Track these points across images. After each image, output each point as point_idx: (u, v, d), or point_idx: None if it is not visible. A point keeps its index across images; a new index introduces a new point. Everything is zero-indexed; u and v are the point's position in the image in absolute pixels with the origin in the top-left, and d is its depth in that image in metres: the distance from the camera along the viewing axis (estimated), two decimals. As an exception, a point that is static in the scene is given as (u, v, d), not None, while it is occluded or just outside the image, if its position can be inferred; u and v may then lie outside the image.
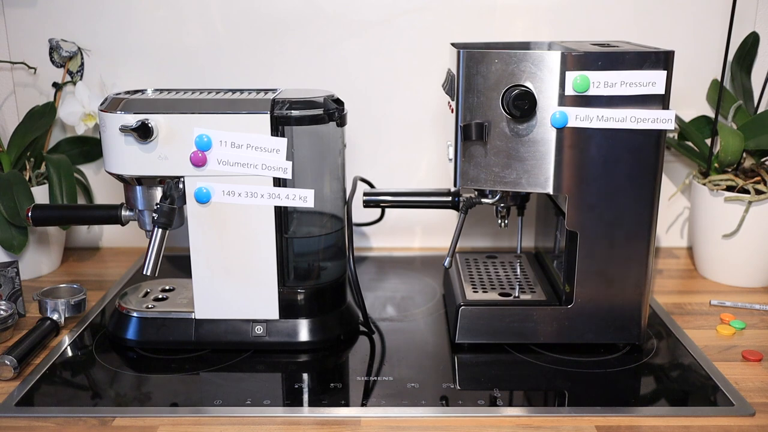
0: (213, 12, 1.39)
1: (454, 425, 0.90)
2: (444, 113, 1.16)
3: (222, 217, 1.04)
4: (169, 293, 1.17)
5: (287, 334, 1.08)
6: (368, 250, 1.51)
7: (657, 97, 0.97)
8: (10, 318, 1.10)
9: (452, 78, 1.02)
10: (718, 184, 1.29)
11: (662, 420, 0.90)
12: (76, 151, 1.44)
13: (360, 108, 1.38)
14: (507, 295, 1.13)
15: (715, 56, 1.36)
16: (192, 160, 1.01)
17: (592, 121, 0.97)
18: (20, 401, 0.94)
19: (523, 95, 0.96)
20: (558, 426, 0.89)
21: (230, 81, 1.42)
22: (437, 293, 1.29)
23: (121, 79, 1.40)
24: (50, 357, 1.06)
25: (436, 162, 1.46)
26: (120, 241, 1.52)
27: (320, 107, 1.04)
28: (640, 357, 1.06)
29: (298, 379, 1.01)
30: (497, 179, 1.01)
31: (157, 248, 0.99)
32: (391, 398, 0.95)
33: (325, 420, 0.91)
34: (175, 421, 0.90)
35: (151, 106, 1.02)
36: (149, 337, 1.09)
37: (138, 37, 1.40)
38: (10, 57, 1.41)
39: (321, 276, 1.14)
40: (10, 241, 1.25)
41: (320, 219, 1.15)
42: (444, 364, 1.05)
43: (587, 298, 1.05)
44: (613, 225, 1.02)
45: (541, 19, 1.38)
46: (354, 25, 1.39)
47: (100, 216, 1.13)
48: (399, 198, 1.22)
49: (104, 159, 1.05)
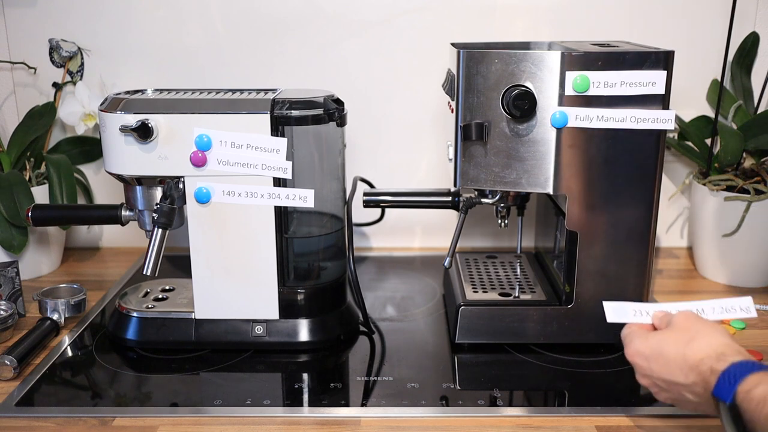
0: (213, 12, 1.39)
1: (454, 425, 0.90)
2: (444, 113, 1.16)
3: (222, 217, 1.04)
4: (169, 293, 1.17)
5: (287, 334, 1.08)
6: (368, 250, 1.51)
7: (657, 97, 0.97)
8: (10, 318, 1.10)
9: (452, 78, 1.02)
10: (718, 184, 1.29)
11: (662, 420, 0.90)
12: (76, 151, 1.44)
13: (360, 108, 1.38)
14: (507, 295, 1.13)
15: (715, 56, 1.36)
16: (192, 160, 1.01)
17: (592, 121, 0.97)
18: (20, 401, 0.94)
19: (523, 95, 0.96)
20: (558, 426, 0.89)
21: (230, 81, 1.42)
22: (437, 293, 1.29)
23: (121, 79, 1.40)
24: (50, 357, 1.06)
25: (436, 162, 1.46)
26: (120, 241, 1.52)
27: (320, 107, 1.04)
28: (640, 357, 1.06)
29: (298, 379, 1.01)
30: (497, 179, 1.01)
31: (157, 248, 0.99)
32: (391, 398, 0.95)
33: (325, 420, 0.91)
34: (175, 421, 0.90)
35: (151, 106, 1.02)
36: (149, 337, 1.09)
37: (138, 37, 1.40)
38: (10, 57, 1.41)
39: (321, 276, 1.14)
40: (10, 241, 1.25)
41: (320, 219, 1.15)
42: (444, 364, 1.05)
43: (587, 298, 1.05)
44: (613, 225, 1.02)
45: (541, 19, 1.38)
46: (354, 25, 1.39)
47: (100, 216, 1.13)
48: (399, 198, 1.22)
49: (104, 159, 1.05)
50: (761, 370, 0.69)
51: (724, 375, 0.71)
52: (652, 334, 0.81)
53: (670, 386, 0.78)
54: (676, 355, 0.76)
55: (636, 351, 0.80)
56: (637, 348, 0.80)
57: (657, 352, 0.78)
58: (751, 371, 0.69)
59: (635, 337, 0.81)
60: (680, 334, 0.78)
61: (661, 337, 0.79)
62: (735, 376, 0.70)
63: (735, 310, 0.86)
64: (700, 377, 0.74)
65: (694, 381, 0.75)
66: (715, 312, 0.86)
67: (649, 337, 0.80)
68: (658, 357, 0.78)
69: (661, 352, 0.77)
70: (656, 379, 0.79)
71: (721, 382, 0.71)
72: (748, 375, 0.69)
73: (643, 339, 0.80)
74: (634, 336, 0.82)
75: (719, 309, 0.86)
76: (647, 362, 0.79)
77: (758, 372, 0.69)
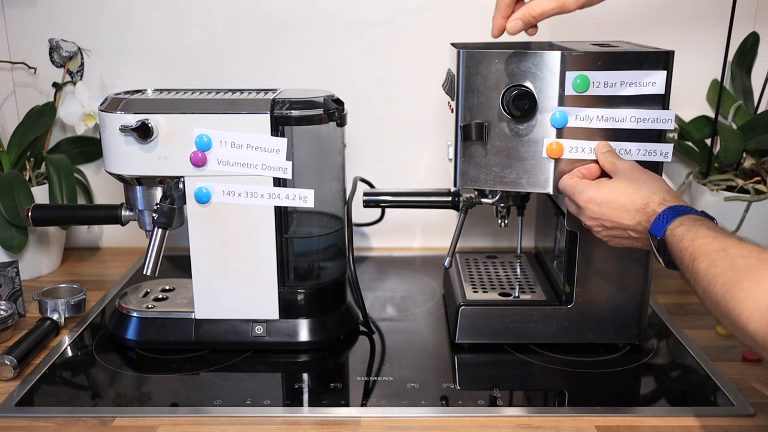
0: (213, 12, 1.39)
1: (454, 425, 0.90)
2: (444, 113, 1.16)
3: (222, 217, 1.04)
4: (169, 293, 1.17)
5: (287, 334, 1.08)
6: (368, 250, 1.51)
7: (657, 97, 0.97)
8: (10, 318, 1.10)
9: (452, 78, 1.02)
10: (718, 184, 1.29)
11: (662, 420, 0.90)
12: (76, 151, 1.44)
13: (360, 108, 1.38)
14: (507, 295, 1.13)
15: (715, 56, 1.36)
16: (192, 160, 1.01)
17: (592, 121, 0.97)
18: (20, 401, 0.94)
19: (523, 95, 0.96)
20: (558, 426, 0.89)
21: (230, 81, 1.41)
22: (437, 293, 1.29)
23: (121, 79, 1.40)
24: (50, 357, 1.06)
25: (436, 162, 1.46)
26: (120, 241, 1.52)
27: (320, 107, 1.04)
28: (640, 357, 1.06)
29: (298, 379, 1.01)
30: (497, 179, 1.01)
31: (157, 248, 0.99)
32: (391, 398, 0.95)
33: (325, 420, 0.91)
34: (175, 421, 0.90)
35: (151, 106, 1.02)
36: (149, 337, 1.09)
37: (138, 37, 1.40)
38: (10, 57, 1.41)
39: (321, 276, 1.14)
40: (10, 241, 1.25)
41: (320, 219, 1.15)
42: (444, 364, 1.05)
43: (587, 298, 1.05)
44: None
45: (541, 19, 1.38)
46: (354, 25, 1.39)
47: (100, 216, 1.13)
48: (399, 198, 1.22)
49: (104, 159, 1.05)
50: (689, 213, 0.83)
51: (660, 216, 0.84)
52: (603, 182, 0.93)
53: (615, 226, 0.91)
54: (625, 200, 0.89)
55: (589, 198, 0.92)
56: (590, 196, 0.92)
57: (609, 198, 0.90)
58: (681, 214, 0.83)
59: (588, 187, 0.93)
60: (629, 182, 0.90)
61: (613, 186, 0.91)
62: (668, 217, 0.83)
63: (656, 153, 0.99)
64: (644, 217, 0.87)
65: (638, 221, 0.88)
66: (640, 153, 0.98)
67: (601, 186, 0.92)
68: (610, 202, 0.90)
69: (614, 198, 0.90)
70: (604, 221, 0.91)
71: (657, 221, 0.84)
72: (677, 217, 0.83)
73: (596, 188, 0.92)
74: (586, 186, 0.93)
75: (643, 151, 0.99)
76: (599, 207, 0.91)
77: (686, 215, 0.83)
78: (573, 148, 0.98)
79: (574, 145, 0.98)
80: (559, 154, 0.98)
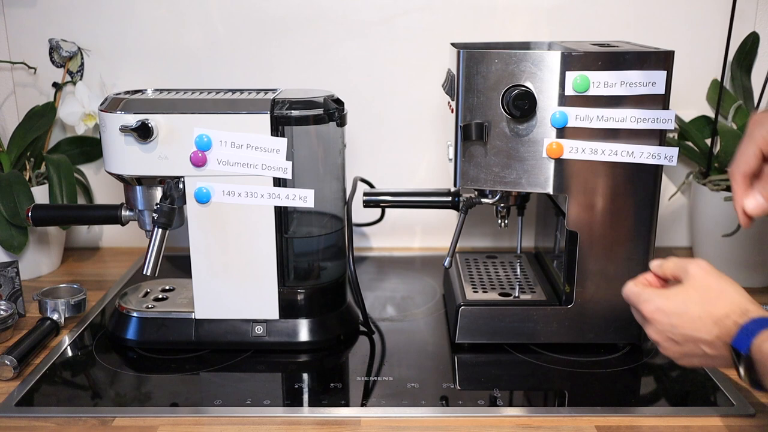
0: (213, 12, 1.39)
1: (454, 425, 0.90)
2: (444, 113, 1.16)
3: (222, 217, 1.04)
4: (169, 293, 1.17)
5: (287, 334, 1.08)
6: (368, 250, 1.51)
7: (657, 97, 0.97)
8: (10, 318, 1.10)
9: (452, 78, 1.02)
10: (718, 184, 1.29)
11: (662, 420, 0.90)
12: (76, 151, 1.44)
13: (360, 108, 1.38)
14: (507, 295, 1.13)
15: (715, 56, 1.36)
16: (192, 160, 1.01)
17: (592, 121, 0.97)
18: (20, 401, 0.94)
19: (523, 95, 0.96)
20: (558, 426, 0.89)
21: (230, 81, 1.42)
22: (437, 293, 1.29)
23: (121, 79, 1.40)
24: (50, 357, 1.06)
25: (436, 162, 1.46)
26: (120, 241, 1.52)
27: (320, 107, 1.04)
28: (640, 357, 1.06)
29: (298, 379, 1.01)
30: (497, 179, 1.01)
31: (157, 248, 0.99)
32: (391, 398, 0.95)
33: (325, 420, 0.91)
34: (175, 421, 0.90)
35: (151, 106, 1.02)
36: (149, 337, 1.09)
37: (138, 37, 1.40)
38: (10, 57, 1.41)
39: (321, 276, 1.14)
40: (10, 241, 1.26)
41: (320, 219, 1.15)
42: (444, 364, 1.05)
43: (587, 298, 1.05)
44: (613, 225, 1.02)
45: (541, 19, 1.38)
46: (354, 25, 1.39)
47: (100, 216, 1.13)
48: (399, 198, 1.22)
49: (104, 159, 1.05)
50: None
51: (744, 328, 0.75)
52: (673, 292, 0.83)
53: (687, 340, 0.80)
54: (701, 312, 0.79)
55: (657, 308, 0.82)
56: (659, 306, 0.82)
57: (682, 309, 0.80)
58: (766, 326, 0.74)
59: (655, 296, 0.83)
60: (704, 292, 0.81)
61: (685, 295, 0.81)
62: (753, 330, 0.74)
63: (661, 156, 0.97)
64: (723, 331, 0.77)
65: (717, 335, 0.78)
66: (644, 156, 0.97)
67: (671, 296, 0.82)
68: (682, 314, 0.80)
69: (687, 308, 0.80)
70: (674, 335, 0.81)
71: (740, 334, 0.75)
72: (763, 329, 0.74)
73: (665, 297, 0.82)
74: (653, 294, 0.84)
75: (647, 154, 0.97)
76: (668, 318, 0.81)
77: None
78: (573, 148, 0.98)
79: (574, 145, 0.98)
80: (559, 154, 0.98)
